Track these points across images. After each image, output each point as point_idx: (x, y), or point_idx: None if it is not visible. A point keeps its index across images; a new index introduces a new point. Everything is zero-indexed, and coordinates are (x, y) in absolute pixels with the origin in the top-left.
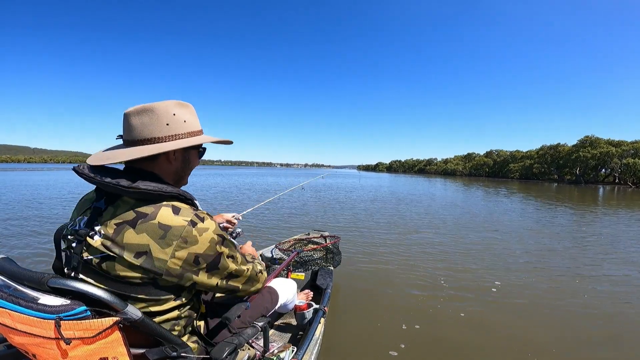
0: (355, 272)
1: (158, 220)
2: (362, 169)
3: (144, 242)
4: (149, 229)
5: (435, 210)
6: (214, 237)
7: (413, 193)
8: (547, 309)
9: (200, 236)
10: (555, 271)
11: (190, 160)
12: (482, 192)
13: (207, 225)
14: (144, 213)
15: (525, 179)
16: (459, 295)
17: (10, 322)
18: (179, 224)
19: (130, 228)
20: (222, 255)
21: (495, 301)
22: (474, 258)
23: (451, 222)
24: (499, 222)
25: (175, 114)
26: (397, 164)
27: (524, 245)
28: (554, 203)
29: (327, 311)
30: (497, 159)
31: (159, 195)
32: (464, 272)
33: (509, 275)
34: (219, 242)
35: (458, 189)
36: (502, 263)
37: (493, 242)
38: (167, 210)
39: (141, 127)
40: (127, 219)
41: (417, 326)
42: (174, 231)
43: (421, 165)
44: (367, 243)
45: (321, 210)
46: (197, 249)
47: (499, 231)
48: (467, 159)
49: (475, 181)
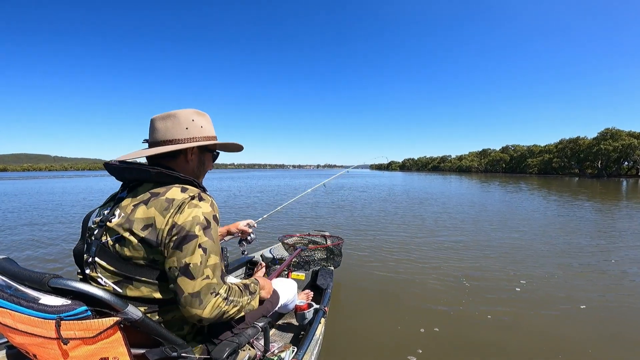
0: (365, 272)
1: (166, 196)
2: (374, 168)
3: (151, 215)
4: (158, 204)
5: (453, 208)
6: (199, 217)
7: (428, 191)
8: (579, 307)
9: (188, 209)
10: (584, 268)
11: (205, 162)
12: (501, 189)
13: (202, 204)
14: (156, 192)
15: (544, 174)
16: (483, 296)
17: (12, 322)
18: (181, 197)
19: (144, 205)
20: (195, 239)
21: (521, 300)
22: (496, 257)
23: (470, 220)
24: (521, 219)
25: (194, 120)
26: (410, 162)
27: (549, 242)
28: (577, 197)
29: (328, 311)
30: (514, 154)
31: (174, 178)
32: (487, 271)
33: (535, 273)
34: (202, 225)
35: (475, 185)
36: (527, 261)
37: (516, 240)
38: (176, 189)
39: (164, 130)
40: (143, 199)
41: (437, 329)
42: (175, 202)
43: (435, 163)
44: (378, 242)
45: (331, 211)
46: (178, 218)
47: (522, 228)
48: (482, 155)
49: (491, 177)
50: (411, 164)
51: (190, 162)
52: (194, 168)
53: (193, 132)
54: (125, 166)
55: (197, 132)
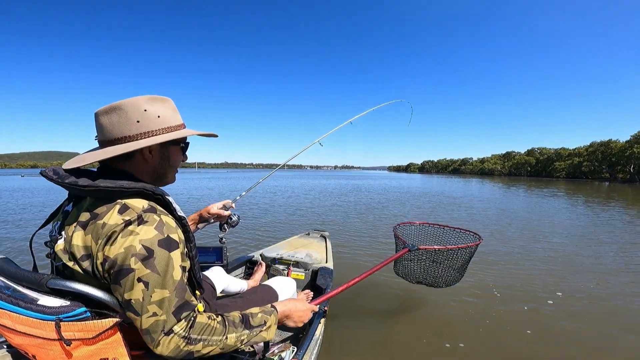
0: (384, 285)
1: (103, 221)
2: (392, 169)
3: (88, 244)
4: (94, 231)
5: (478, 213)
6: (134, 247)
7: (450, 195)
8: (626, 320)
9: (121, 238)
10: (628, 276)
11: (170, 156)
12: (530, 193)
13: (139, 230)
14: (96, 213)
15: (572, 178)
16: (517, 308)
17: (10, 323)
18: (114, 222)
19: (82, 230)
20: (131, 273)
21: (558, 314)
22: (530, 265)
23: (499, 226)
24: (555, 226)
25: (147, 109)
26: (429, 164)
27: (586, 252)
28: (610, 204)
29: (328, 311)
30: (540, 157)
31: (118, 192)
32: (519, 280)
33: (572, 283)
34: (139, 256)
35: (501, 189)
36: (563, 271)
37: (551, 249)
38: (115, 208)
39: (110, 126)
40: (82, 220)
41: (462, 344)
42: (107, 229)
43: (455, 165)
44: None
45: (339, 209)
46: (110, 251)
47: (556, 236)
48: (506, 157)
49: (516, 181)
50: (430, 166)
51: (149, 159)
52: (156, 166)
53: (147, 126)
54: (55, 178)
55: (153, 124)
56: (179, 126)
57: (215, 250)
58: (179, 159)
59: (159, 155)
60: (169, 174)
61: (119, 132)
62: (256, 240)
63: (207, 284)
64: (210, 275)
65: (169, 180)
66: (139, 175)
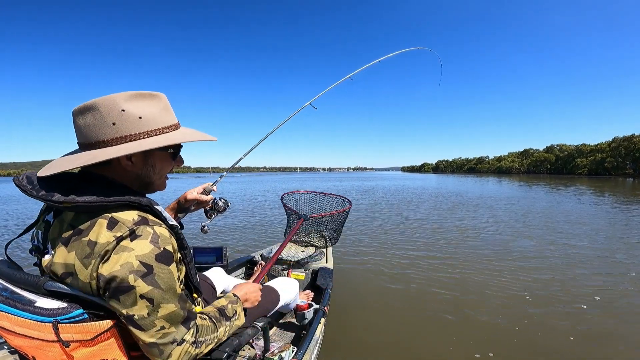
0: (384, 285)
1: (89, 237)
2: (406, 170)
3: (70, 262)
4: (78, 247)
5: (502, 214)
6: (132, 263)
7: (468, 195)
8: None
9: (116, 255)
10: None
11: (155, 164)
12: (552, 191)
13: (134, 245)
14: (79, 229)
15: (595, 175)
16: (549, 312)
17: (9, 325)
18: (105, 240)
19: (63, 246)
20: (131, 290)
21: (598, 319)
22: (564, 267)
23: (524, 227)
24: (583, 225)
25: (125, 109)
26: (444, 163)
27: (622, 253)
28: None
29: (328, 311)
30: (560, 154)
31: (100, 207)
32: (553, 283)
33: (609, 287)
34: (137, 273)
35: (521, 188)
36: (595, 273)
37: (586, 250)
38: (102, 223)
39: (85, 129)
40: (64, 236)
41: (491, 354)
42: (98, 248)
43: (471, 164)
44: (418, 248)
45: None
46: (103, 268)
47: (590, 237)
48: (524, 155)
49: (536, 179)
50: (445, 166)
51: (129, 167)
52: (139, 175)
53: (124, 129)
54: (29, 188)
55: (131, 128)
56: (167, 128)
57: (215, 250)
58: (168, 166)
59: (142, 162)
60: (156, 181)
61: (93, 135)
62: (256, 241)
63: (207, 285)
64: (210, 276)
65: (157, 188)
66: (123, 182)
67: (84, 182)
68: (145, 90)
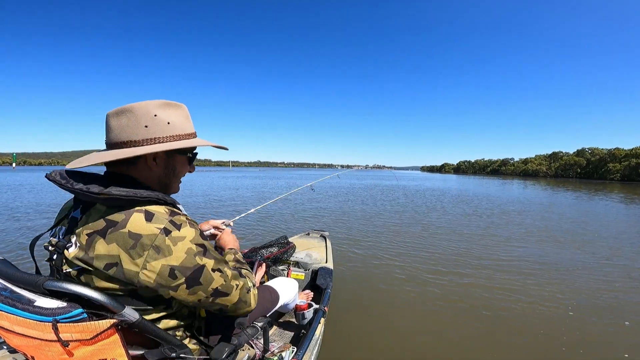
0: (384, 285)
1: (128, 229)
2: (425, 170)
3: (114, 253)
4: (119, 239)
5: (545, 224)
6: (192, 248)
7: (500, 200)
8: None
9: (174, 246)
10: None
11: (175, 166)
12: (589, 198)
13: (183, 233)
14: (114, 221)
15: (628, 181)
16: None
17: (8, 324)
18: (150, 232)
19: (101, 238)
20: (204, 268)
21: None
22: (607, 279)
23: (569, 235)
24: (628, 235)
25: (157, 115)
26: (465, 164)
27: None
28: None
29: (328, 311)
30: (591, 158)
31: (131, 201)
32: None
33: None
34: (199, 253)
35: (554, 193)
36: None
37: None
38: (138, 216)
39: (119, 129)
40: (97, 229)
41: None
42: (145, 240)
43: (495, 166)
44: (418, 248)
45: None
46: (172, 260)
47: (630, 246)
48: (552, 158)
49: (565, 183)
50: (467, 167)
51: (154, 167)
52: (160, 176)
53: (154, 132)
54: (69, 187)
55: (161, 131)
56: (188, 135)
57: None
58: (185, 170)
59: (164, 164)
60: (174, 184)
61: (125, 135)
62: (256, 241)
63: None
64: None
65: (173, 190)
66: (146, 182)
67: (111, 181)
68: (171, 100)
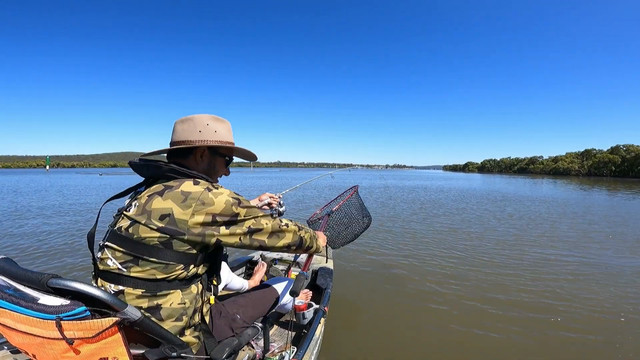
0: (384, 285)
1: (181, 189)
2: (448, 169)
3: (167, 206)
4: (173, 196)
5: (565, 231)
6: (229, 199)
7: (521, 200)
8: None
9: (215, 198)
10: None
11: (215, 164)
12: (632, 197)
13: (221, 191)
14: (170, 185)
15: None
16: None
17: (11, 322)
18: (197, 190)
19: (159, 196)
20: (239, 215)
21: None
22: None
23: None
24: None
25: (209, 124)
26: (491, 163)
27: None
28: None
29: (328, 311)
30: (627, 156)
31: (185, 174)
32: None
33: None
34: (235, 204)
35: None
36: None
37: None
38: (189, 182)
39: (181, 131)
40: (157, 191)
41: None
42: (193, 195)
43: (522, 164)
44: (418, 248)
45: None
46: (214, 209)
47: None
48: (584, 155)
49: (598, 183)
50: (492, 165)
51: (200, 162)
52: (204, 169)
53: (205, 135)
54: (143, 163)
55: (210, 136)
56: (228, 143)
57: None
58: (222, 171)
59: (208, 160)
60: (213, 177)
61: (185, 136)
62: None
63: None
64: None
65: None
66: (193, 171)
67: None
68: (219, 116)
